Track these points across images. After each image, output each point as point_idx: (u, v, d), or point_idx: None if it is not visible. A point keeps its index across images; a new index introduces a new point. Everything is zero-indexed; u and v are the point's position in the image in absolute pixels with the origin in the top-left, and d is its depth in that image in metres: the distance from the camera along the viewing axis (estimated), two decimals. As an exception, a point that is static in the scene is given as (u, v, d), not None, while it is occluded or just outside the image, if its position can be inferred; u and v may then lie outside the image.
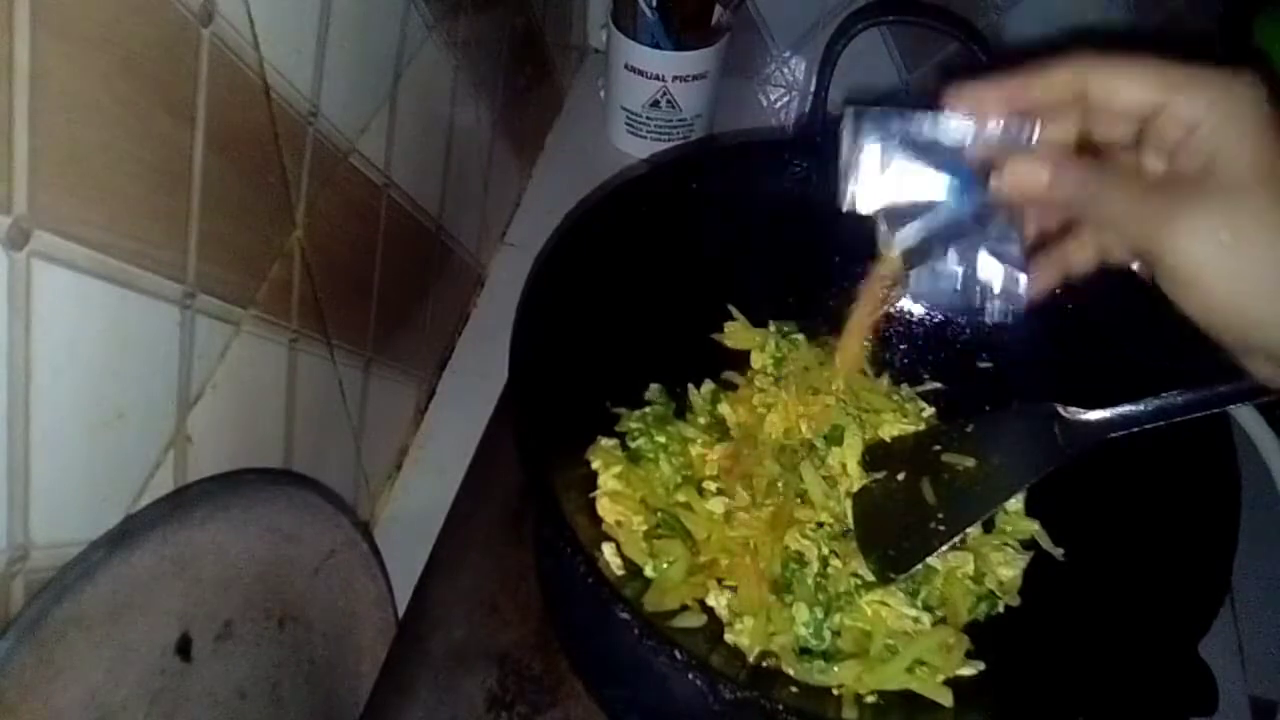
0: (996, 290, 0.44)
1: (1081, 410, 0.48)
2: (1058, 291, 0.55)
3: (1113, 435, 0.47)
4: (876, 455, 0.56)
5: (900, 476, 0.54)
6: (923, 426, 0.58)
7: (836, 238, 0.61)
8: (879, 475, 0.55)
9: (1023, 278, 0.43)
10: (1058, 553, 0.53)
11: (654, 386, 0.57)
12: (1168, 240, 0.33)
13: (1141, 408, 0.46)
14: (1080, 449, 0.48)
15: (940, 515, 0.50)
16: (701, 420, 0.57)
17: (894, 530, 0.52)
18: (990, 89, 0.38)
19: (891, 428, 0.57)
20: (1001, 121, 0.38)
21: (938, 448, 0.53)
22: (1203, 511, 0.45)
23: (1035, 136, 0.38)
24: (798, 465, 0.55)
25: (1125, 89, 0.36)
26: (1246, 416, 0.64)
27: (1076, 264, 0.41)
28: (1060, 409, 0.49)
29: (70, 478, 0.34)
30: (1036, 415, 0.50)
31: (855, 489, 0.55)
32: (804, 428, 0.57)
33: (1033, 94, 0.37)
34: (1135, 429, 0.46)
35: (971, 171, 0.40)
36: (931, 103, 0.39)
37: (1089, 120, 0.37)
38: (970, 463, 0.51)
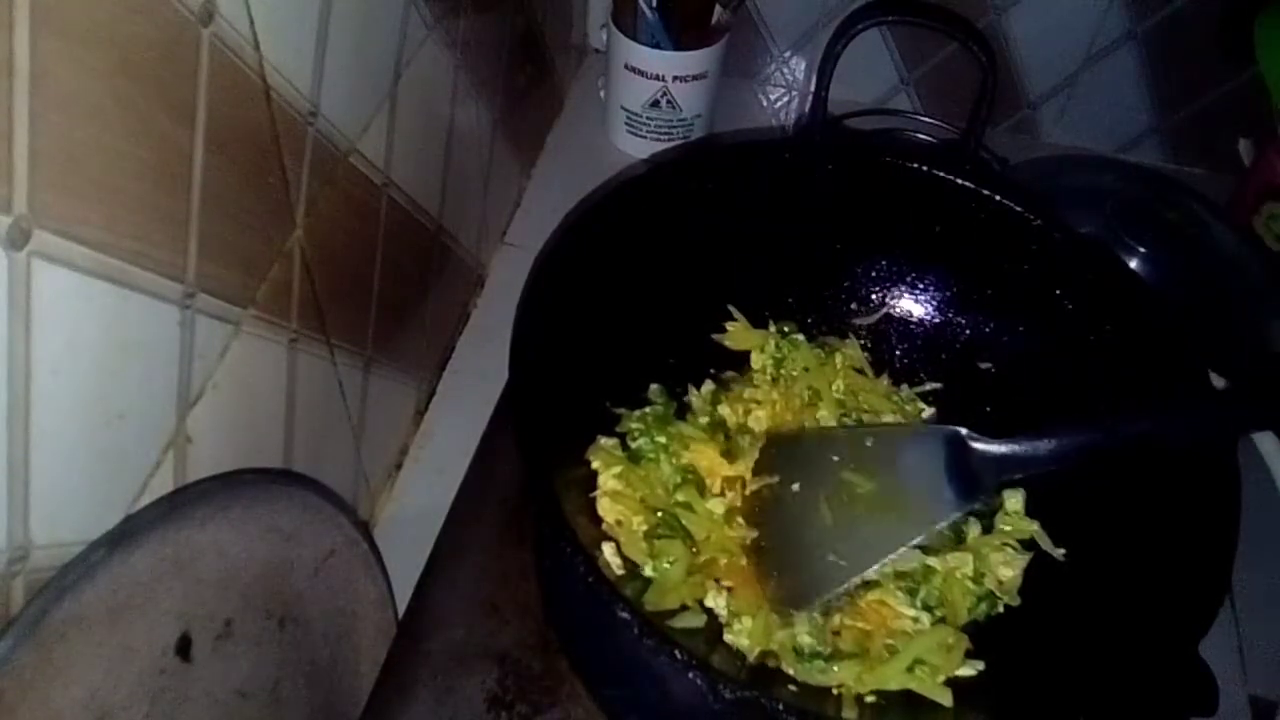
0: None
1: (987, 440, 0.46)
2: (1056, 293, 0.56)
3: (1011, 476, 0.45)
4: (774, 453, 0.52)
5: (796, 486, 0.50)
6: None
7: (837, 237, 0.61)
8: (773, 480, 0.51)
9: None
10: (1058, 553, 0.53)
11: (654, 386, 0.57)
12: None
13: (1038, 447, 0.45)
14: (988, 487, 0.46)
15: (839, 546, 0.47)
16: (701, 420, 0.57)
17: (793, 552, 0.49)
18: None
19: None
20: None
21: (836, 459, 0.51)
22: (1203, 512, 0.45)
23: None
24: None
25: None
26: (1246, 416, 0.63)
27: None
28: (968, 436, 0.46)
29: (70, 478, 0.34)
30: (941, 441, 0.47)
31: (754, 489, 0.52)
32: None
33: None
34: (1033, 470, 0.45)
35: None
36: None
37: None
38: (870, 486, 0.49)
